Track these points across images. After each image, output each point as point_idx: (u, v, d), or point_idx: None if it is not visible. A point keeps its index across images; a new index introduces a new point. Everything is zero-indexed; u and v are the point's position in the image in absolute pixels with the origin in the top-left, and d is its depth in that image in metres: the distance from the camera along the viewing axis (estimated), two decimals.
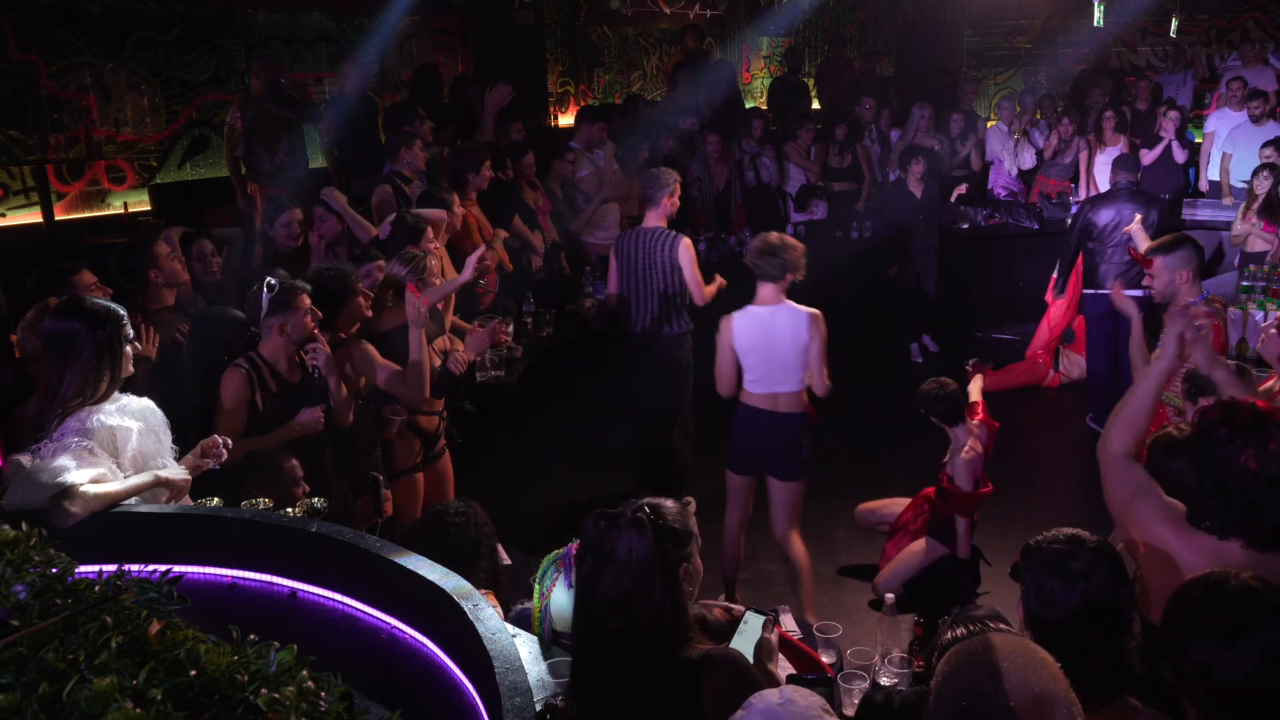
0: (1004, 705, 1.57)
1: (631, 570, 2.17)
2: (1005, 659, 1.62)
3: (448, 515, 3.18)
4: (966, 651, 1.67)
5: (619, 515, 2.24)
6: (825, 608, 4.70)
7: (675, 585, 2.21)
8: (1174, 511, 2.54)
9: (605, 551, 2.20)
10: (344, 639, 2.47)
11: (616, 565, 2.18)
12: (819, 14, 13.37)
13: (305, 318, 3.78)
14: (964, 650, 1.68)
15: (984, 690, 1.60)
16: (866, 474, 6.13)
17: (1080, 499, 5.57)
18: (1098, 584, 2.11)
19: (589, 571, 2.24)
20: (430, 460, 4.63)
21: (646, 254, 5.53)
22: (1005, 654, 1.63)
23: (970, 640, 1.73)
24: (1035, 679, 1.60)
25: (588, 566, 2.24)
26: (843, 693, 2.91)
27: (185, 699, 1.42)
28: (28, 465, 2.66)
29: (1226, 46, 12.85)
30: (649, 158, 8.12)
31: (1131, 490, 2.59)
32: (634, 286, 5.58)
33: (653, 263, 5.52)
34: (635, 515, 2.22)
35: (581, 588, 2.27)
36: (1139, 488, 2.58)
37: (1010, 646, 1.66)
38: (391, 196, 5.89)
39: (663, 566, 2.19)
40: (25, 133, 6.47)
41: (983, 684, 1.60)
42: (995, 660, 1.62)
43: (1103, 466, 2.68)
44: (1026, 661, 1.63)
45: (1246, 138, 8.78)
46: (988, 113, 12.82)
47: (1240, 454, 2.38)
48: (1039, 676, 1.60)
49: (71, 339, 2.86)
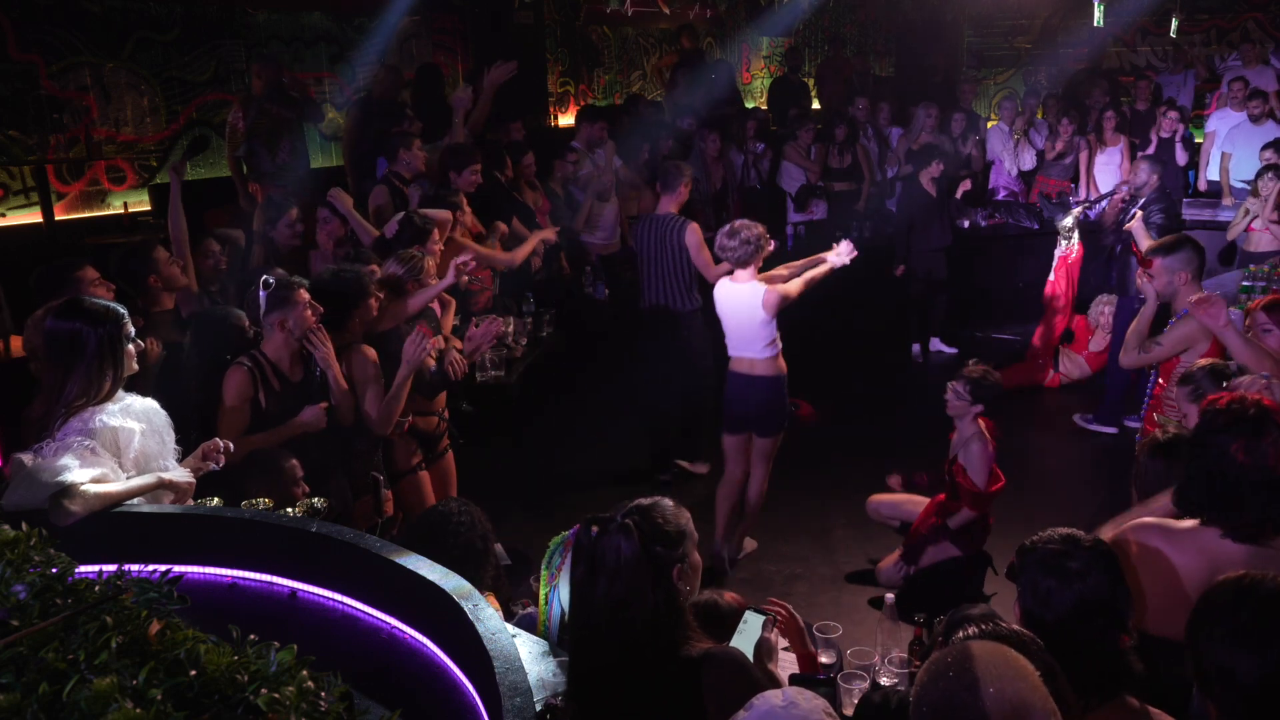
0: (981, 714, 1.56)
1: (622, 575, 2.19)
2: (983, 668, 1.61)
3: (453, 516, 3.16)
4: (944, 661, 1.67)
5: (609, 520, 2.26)
6: (825, 608, 4.70)
7: (669, 586, 2.22)
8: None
9: (596, 557, 2.23)
10: (344, 639, 2.47)
11: (608, 570, 2.21)
12: (819, 14, 13.38)
13: (305, 311, 3.78)
14: (942, 659, 1.68)
15: (961, 700, 1.59)
16: (867, 474, 6.12)
17: (1079, 500, 5.58)
18: (1094, 583, 2.12)
19: (582, 577, 2.26)
20: (433, 460, 4.64)
21: (658, 239, 5.94)
22: (983, 663, 1.63)
23: (948, 649, 1.72)
24: (1013, 689, 1.59)
25: (581, 572, 2.26)
26: (843, 693, 2.91)
27: (185, 699, 1.42)
28: (29, 464, 2.66)
29: (1226, 46, 12.85)
30: (649, 158, 8.13)
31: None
32: (647, 269, 6.02)
33: (663, 246, 5.92)
34: (623, 521, 2.25)
35: (576, 592, 2.29)
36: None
37: (989, 655, 1.66)
38: (389, 198, 5.88)
39: (654, 569, 2.20)
40: (25, 133, 6.47)
41: (960, 694, 1.60)
42: (973, 670, 1.61)
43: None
44: (1004, 671, 1.62)
45: (1246, 137, 8.77)
46: (988, 113, 12.83)
47: (1232, 443, 2.40)
48: (1016, 687, 1.60)
49: (73, 339, 2.86)
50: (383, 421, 4.08)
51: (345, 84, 8.56)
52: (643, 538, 2.22)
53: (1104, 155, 9.21)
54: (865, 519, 5.53)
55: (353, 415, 4.01)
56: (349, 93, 8.53)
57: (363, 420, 4.05)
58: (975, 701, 1.57)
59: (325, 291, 4.02)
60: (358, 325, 4.16)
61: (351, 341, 4.11)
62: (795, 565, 5.23)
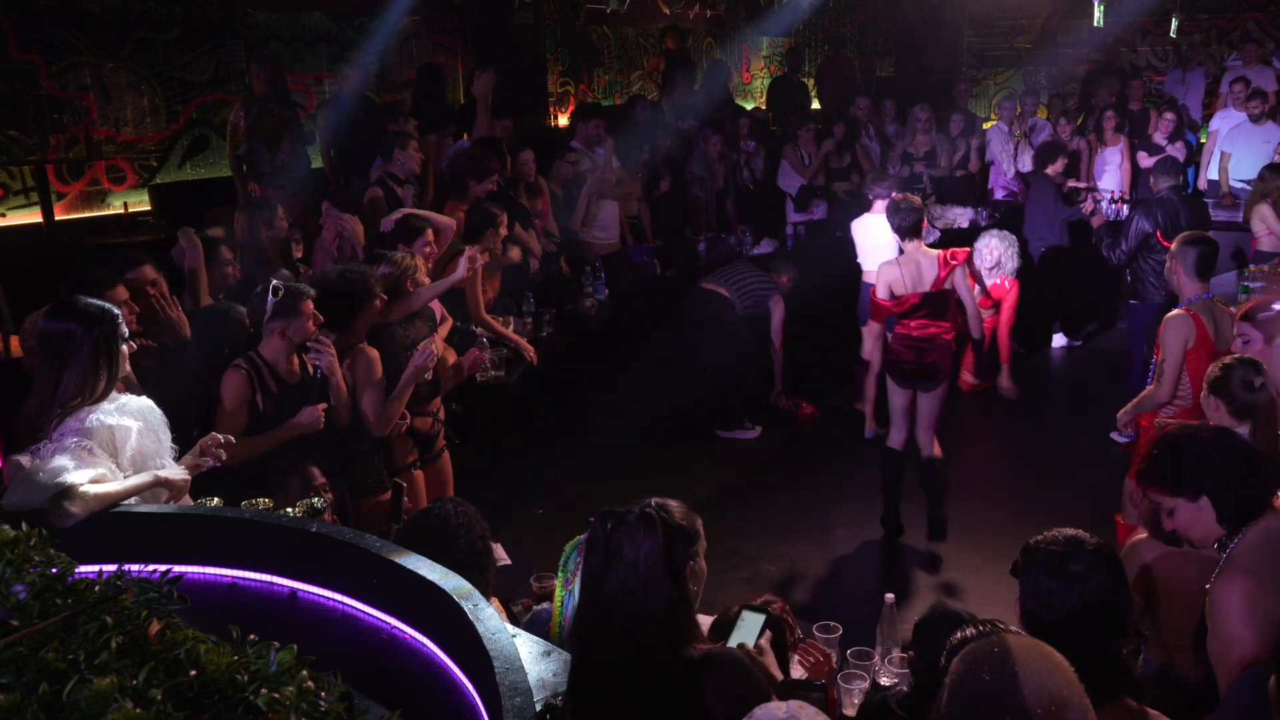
0: (1020, 707, 1.57)
1: (639, 568, 2.17)
2: (1022, 661, 1.62)
3: (451, 519, 3.12)
4: (983, 651, 1.68)
5: (626, 513, 2.24)
6: (825, 608, 4.70)
7: (682, 584, 2.21)
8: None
9: (612, 549, 2.20)
10: (344, 639, 2.47)
11: (624, 563, 2.18)
12: (819, 14, 13.38)
13: (308, 323, 3.78)
14: (980, 650, 1.68)
15: (1000, 691, 1.60)
16: (868, 474, 6.13)
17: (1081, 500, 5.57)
18: (1095, 587, 2.11)
19: (595, 569, 2.23)
20: (429, 460, 4.64)
21: (753, 300, 6.64)
22: (1022, 656, 1.63)
23: (986, 640, 1.73)
24: (1052, 682, 1.60)
25: (594, 564, 2.24)
26: (843, 693, 2.91)
27: (185, 699, 1.42)
28: (27, 465, 2.66)
29: (1226, 46, 12.85)
30: (649, 158, 8.13)
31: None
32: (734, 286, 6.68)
33: (757, 307, 6.63)
34: (644, 512, 2.22)
35: (587, 584, 2.26)
36: None
37: (1027, 649, 1.66)
38: (383, 199, 5.86)
39: (670, 565, 2.19)
40: (25, 133, 6.46)
41: (999, 685, 1.60)
42: (1012, 662, 1.62)
43: None
44: (1043, 665, 1.63)
45: (1246, 137, 8.77)
46: (987, 113, 12.83)
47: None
48: (1055, 680, 1.61)
49: (68, 339, 2.86)
50: (381, 424, 4.08)
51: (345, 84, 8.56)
52: (664, 530, 2.21)
53: (1104, 155, 9.21)
54: (865, 519, 5.54)
55: (349, 416, 4.01)
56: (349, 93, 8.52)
57: (359, 422, 4.05)
58: (1014, 693, 1.58)
59: (330, 291, 4.01)
60: (361, 326, 4.14)
61: (354, 342, 4.11)
62: (795, 565, 5.23)
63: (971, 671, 1.65)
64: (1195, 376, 4.21)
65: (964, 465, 6.23)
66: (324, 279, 4.18)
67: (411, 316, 4.50)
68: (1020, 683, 1.59)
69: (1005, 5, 12.89)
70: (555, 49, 10.64)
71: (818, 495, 5.97)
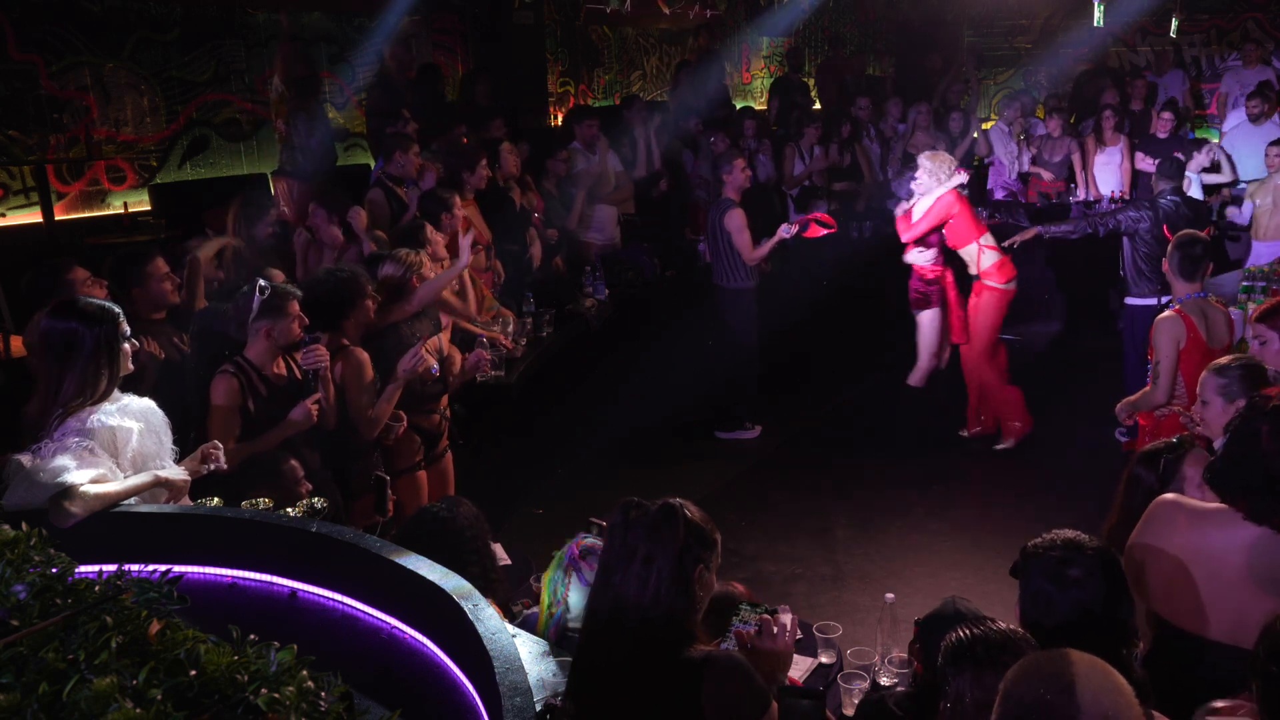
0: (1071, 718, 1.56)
1: (655, 562, 2.17)
2: (1081, 676, 1.61)
3: (449, 520, 3.09)
4: (1040, 662, 1.66)
5: (648, 505, 2.23)
6: (825, 608, 4.70)
7: (691, 584, 2.20)
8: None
9: (631, 543, 2.20)
10: (344, 639, 2.47)
11: (640, 556, 2.18)
12: (819, 14, 13.37)
13: (293, 324, 3.74)
14: (1037, 661, 1.67)
15: (1055, 703, 1.58)
16: (868, 474, 6.14)
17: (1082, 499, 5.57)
18: (1093, 591, 2.11)
19: (611, 560, 2.22)
20: (433, 459, 4.63)
21: (711, 220, 6.79)
22: (1081, 671, 1.62)
23: (1045, 652, 1.72)
24: (1110, 702, 1.58)
25: (610, 555, 2.23)
26: (843, 693, 2.91)
27: (185, 699, 1.42)
28: (28, 465, 2.66)
29: (1226, 46, 12.85)
30: (649, 158, 8.13)
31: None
32: (708, 246, 6.97)
33: (714, 227, 6.72)
34: (668, 505, 2.22)
35: (601, 576, 2.25)
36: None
37: (1087, 665, 1.65)
38: (383, 200, 5.85)
39: (683, 563, 2.18)
40: (25, 133, 6.46)
41: (1054, 697, 1.59)
42: (1070, 675, 1.60)
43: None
44: (1103, 684, 1.61)
45: (1246, 137, 8.75)
46: (988, 113, 12.83)
47: (1263, 424, 2.38)
48: (1114, 701, 1.59)
49: (69, 339, 2.86)
50: (368, 426, 4.06)
51: (345, 84, 8.56)
52: (685, 526, 2.20)
53: (1104, 155, 9.19)
54: (865, 519, 5.55)
55: (335, 419, 3.98)
56: (349, 93, 8.52)
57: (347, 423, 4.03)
58: (1069, 706, 1.57)
59: (318, 293, 3.98)
60: (352, 327, 4.11)
61: (345, 344, 4.08)
62: (795, 565, 5.23)
63: (1026, 680, 1.64)
64: (1189, 377, 4.21)
65: (964, 463, 6.25)
66: (313, 280, 4.16)
67: (417, 316, 4.50)
68: (1077, 697, 1.57)
69: (1005, 5, 12.88)
70: (555, 49, 10.63)
71: (818, 495, 5.97)
